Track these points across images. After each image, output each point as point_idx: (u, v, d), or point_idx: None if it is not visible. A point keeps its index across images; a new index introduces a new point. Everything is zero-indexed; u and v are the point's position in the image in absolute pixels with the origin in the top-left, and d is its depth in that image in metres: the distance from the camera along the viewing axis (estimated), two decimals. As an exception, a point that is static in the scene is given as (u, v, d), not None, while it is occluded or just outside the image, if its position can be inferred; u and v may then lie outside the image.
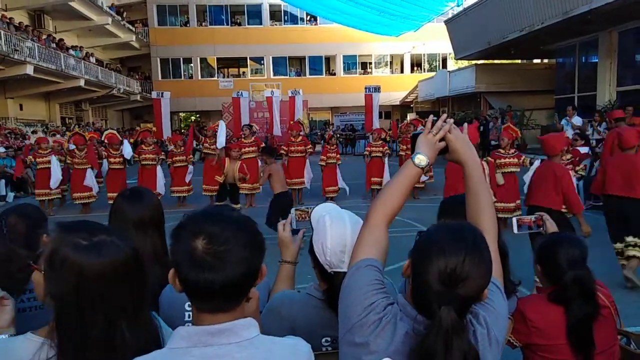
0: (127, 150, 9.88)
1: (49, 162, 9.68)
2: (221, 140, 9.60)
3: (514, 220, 2.03)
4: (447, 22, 20.11)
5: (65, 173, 10.14)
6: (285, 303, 1.48)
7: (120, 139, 10.27)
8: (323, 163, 10.11)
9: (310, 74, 31.76)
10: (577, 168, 7.21)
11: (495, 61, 21.62)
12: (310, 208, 1.68)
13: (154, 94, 14.30)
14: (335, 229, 1.40)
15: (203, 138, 10.56)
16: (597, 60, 14.46)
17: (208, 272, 0.98)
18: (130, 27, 28.04)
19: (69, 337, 1.03)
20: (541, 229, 2.01)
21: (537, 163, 7.03)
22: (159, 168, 9.84)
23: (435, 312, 1.02)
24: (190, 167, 10.12)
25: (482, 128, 17.79)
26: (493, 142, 14.02)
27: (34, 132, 16.25)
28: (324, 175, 10.23)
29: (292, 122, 11.35)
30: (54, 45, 19.76)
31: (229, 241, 1.00)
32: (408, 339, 1.07)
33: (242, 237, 1.02)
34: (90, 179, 9.77)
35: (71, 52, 21.39)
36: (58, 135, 12.96)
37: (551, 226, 1.98)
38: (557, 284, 1.76)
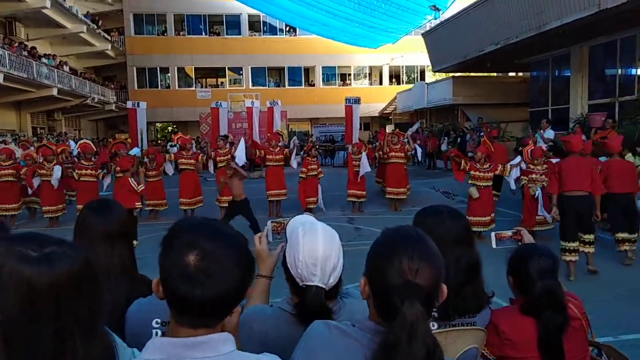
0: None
1: (10, 174, 9.39)
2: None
3: (493, 235, 2.06)
4: (425, 35, 20.41)
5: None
6: (256, 317, 1.45)
7: (94, 149, 10.00)
8: (304, 175, 9.95)
9: (289, 85, 31.83)
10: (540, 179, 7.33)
11: (472, 74, 22.02)
12: (286, 220, 1.63)
13: (129, 104, 14.02)
14: (307, 242, 1.36)
15: (175, 151, 10.33)
16: (569, 74, 14.86)
17: (197, 288, 0.95)
18: (106, 35, 27.64)
19: (17, 354, 0.96)
20: (519, 243, 2.03)
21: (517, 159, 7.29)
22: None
23: (399, 308, 1.03)
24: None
25: (459, 140, 18.07)
26: (470, 154, 14.20)
27: (2, 142, 15.74)
28: (304, 186, 10.10)
29: (269, 134, 11.25)
30: (25, 53, 19.30)
31: (222, 259, 0.98)
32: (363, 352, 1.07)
33: (234, 256, 1.00)
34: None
35: (44, 60, 20.92)
36: (32, 148, 12.53)
37: (528, 240, 2.01)
38: (528, 295, 1.77)
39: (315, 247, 1.35)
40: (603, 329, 3.96)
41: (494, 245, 2.03)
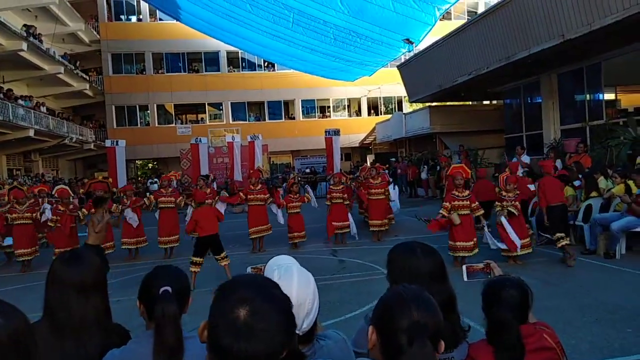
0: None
1: None
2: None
3: (464, 268, 2.10)
4: (400, 67, 20.94)
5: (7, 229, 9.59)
6: None
7: (71, 193, 9.85)
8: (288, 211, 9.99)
9: (269, 119, 32.10)
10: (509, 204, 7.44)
11: (448, 103, 22.55)
12: (263, 265, 1.64)
13: (107, 143, 14.02)
14: (281, 287, 1.35)
15: (156, 189, 10.30)
16: (540, 101, 15.34)
17: (241, 343, 0.98)
18: (84, 75, 27.67)
19: None
20: (489, 275, 2.07)
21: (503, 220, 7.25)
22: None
23: (407, 350, 1.12)
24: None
25: (438, 168, 18.34)
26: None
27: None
28: (289, 221, 10.06)
29: (251, 171, 11.24)
30: (1, 95, 19.15)
31: (271, 320, 1.01)
32: None
33: (282, 319, 1.04)
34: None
35: (20, 102, 20.76)
36: (6, 187, 12.30)
37: (498, 272, 2.07)
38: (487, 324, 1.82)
39: (289, 292, 1.32)
40: (586, 355, 3.98)
41: (465, 278, 2.05)
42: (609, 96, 13.88)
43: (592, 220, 7.83)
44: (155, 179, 21.60)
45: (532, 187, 8.39)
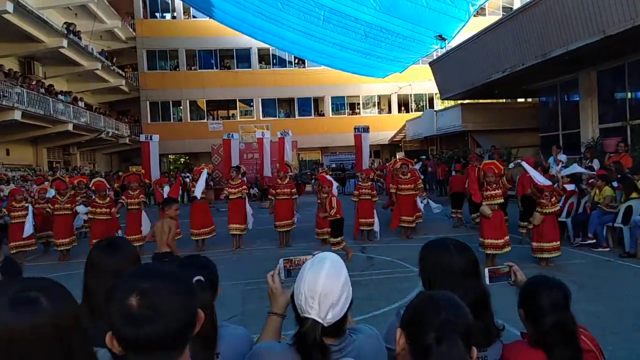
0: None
1: (24, 216, 9.29)
2: (199, 188, 9.65)
3: (486, 271, 2.04)
4: (432, 64, 20.66)
5: (45, 220, 9.96)
6: (263, 354, 1.45)
7: (107, 186, 10.15)
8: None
9: (299, 115, 32.20)
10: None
11: (481, 100, 22.10)
12: (296, 257, 1.64)
13: (142, 137, 14.36)
14: (310, 275, 1.38)
15: (190, 182, 10.54)
16: (578, 99, 14.85)
17: (146, 326, 0.96)
18: (120, 71, 28.42)
19: None
20: (511, 279, 2.03)
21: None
22: (144, 213, 9.70)
23: (436, 350, 1.10)
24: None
25: (469, 166, 17.97)
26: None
27: (23, 177, 16.05)
28: (318, 213, 10.09)
29: (278, 165, 11.33)
30: (42, 90, 19.88)
31: (161, 293, 0.99)
32: None
33: (173, 287, 1.02)
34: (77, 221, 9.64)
35: (60, 97, 21.50)
36: (46, 182, 12.74)
37: (521, 276, 2.02)
38: (539, 328, 1.73)
39: (317, 281, 1.36)
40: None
41: (487, 282, 1.99)
42: (652, 94, 13.34)
43: (632, 222, 7.55)
44: (188, 174, 22.03)
45: (569, 187, 8.13)
